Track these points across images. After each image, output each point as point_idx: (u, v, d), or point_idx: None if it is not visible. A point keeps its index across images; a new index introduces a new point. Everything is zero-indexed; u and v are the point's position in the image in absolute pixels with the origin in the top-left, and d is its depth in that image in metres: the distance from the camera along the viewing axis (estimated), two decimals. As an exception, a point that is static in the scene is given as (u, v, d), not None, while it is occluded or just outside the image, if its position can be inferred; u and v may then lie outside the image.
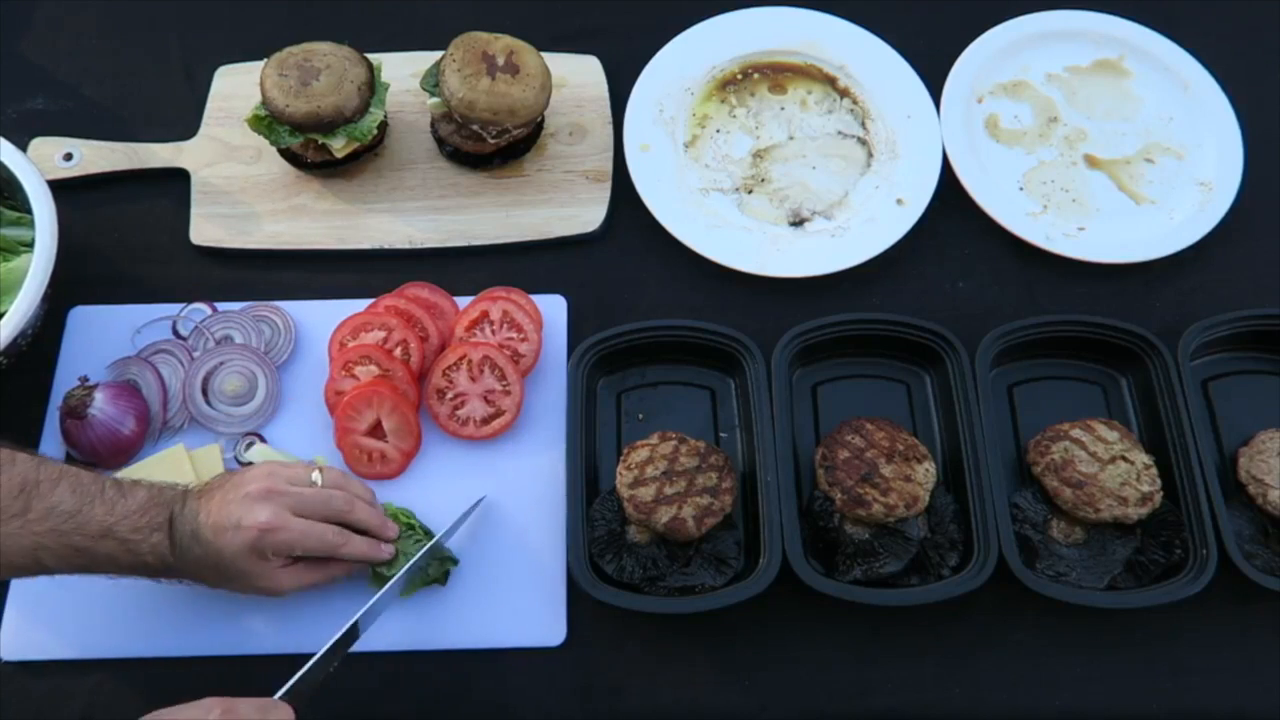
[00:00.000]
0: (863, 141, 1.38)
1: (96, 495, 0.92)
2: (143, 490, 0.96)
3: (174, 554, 0.94)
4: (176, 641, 1.07)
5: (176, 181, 1.32)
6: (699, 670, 1.08)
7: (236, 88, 1.37)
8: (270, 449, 1.15)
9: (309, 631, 1.06)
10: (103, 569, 0.94)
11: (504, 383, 1.16)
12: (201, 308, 1.23)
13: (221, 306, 1.23)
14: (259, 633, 1.07)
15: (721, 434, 1.18)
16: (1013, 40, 1.44)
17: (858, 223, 1.31)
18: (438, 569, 1.08)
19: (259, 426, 1.16)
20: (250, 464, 1.11)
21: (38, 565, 0.91)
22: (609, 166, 1.33)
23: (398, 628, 1.07)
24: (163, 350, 1.19)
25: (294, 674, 0.94)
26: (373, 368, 1.15)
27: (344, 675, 1.06)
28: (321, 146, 1.25)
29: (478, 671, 1.07)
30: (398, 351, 1.17)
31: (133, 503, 0.94)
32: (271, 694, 0.92)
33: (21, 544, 0.89)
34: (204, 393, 1.17)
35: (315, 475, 1.03)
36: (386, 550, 1.05)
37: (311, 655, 0.96)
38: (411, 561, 1.05)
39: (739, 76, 1.42)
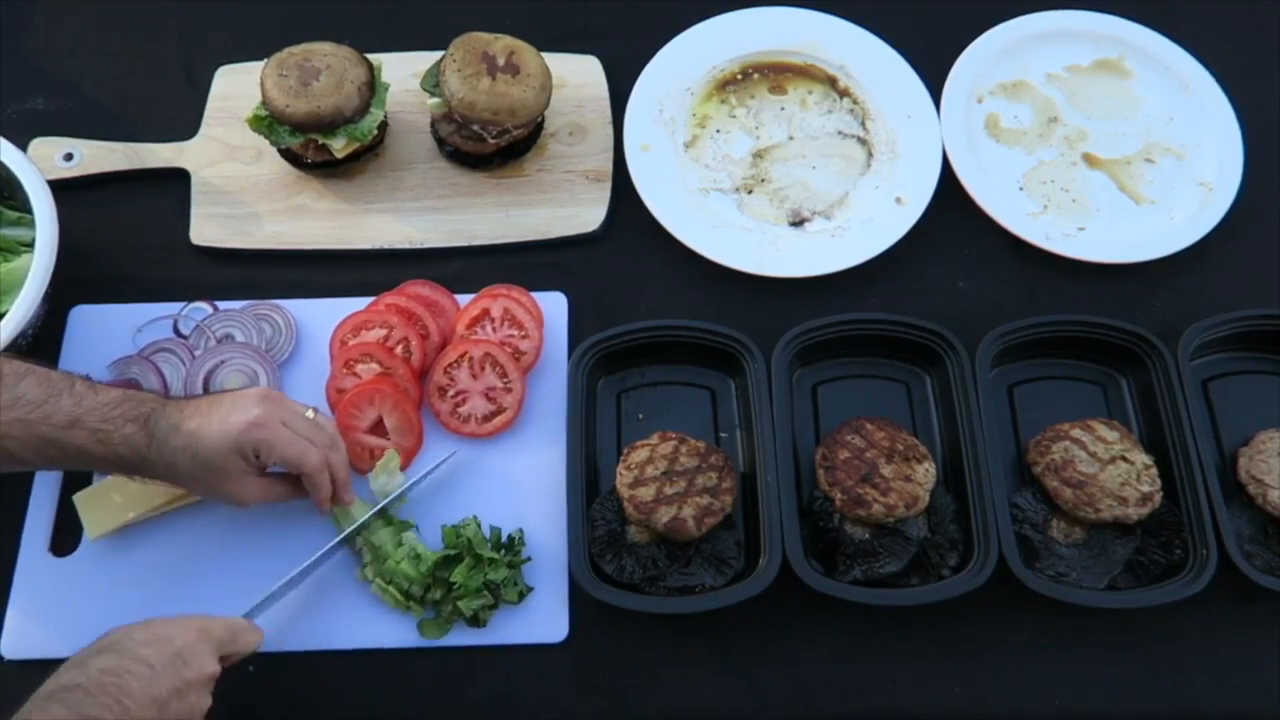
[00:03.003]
0: (863, 141, 1.38)
1: (65, 389, 0.94)
2: (117, 390, 0.97)
3: (150, 446, 0.95)
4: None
5: (176, 181, 1.32)
6: (699, 670, 1.08)
7: (236, 88, 1.37)
8: None
9: (306, 630, 1.06)
10: (74, 461, 0.94)
11: (505, 380, 1.16)
12: (203, 306, 1.23)
13: (222, 305, 1.23)
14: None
15: (721, 434, 1.18)
16: (1013, 40, 1.44)
17: (858, 223, 1.31)
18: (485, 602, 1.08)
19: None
20: None
21: (7, 455, 0.92)
22: (609, 166, 1.33)
23: (400, 624, 1.07)
24: (164, 349, 1.19)
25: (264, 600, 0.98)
26: (374, 365, 1.15)
27: (346, 673, 1.06)
28: (321, 146, 1.25)
29: (480, 668, 1.07)
30: (399, 349, 1.17)
31: (104, 397, 0.95)
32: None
33: None
34: (205, 391, 1.17)
35: (309, 413, 1.05)
36: (349, 497, 1.07)
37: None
38: (369, 514, 1.07)
39: (739, 76, 1.42)
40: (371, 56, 1.28)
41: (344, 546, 1.09)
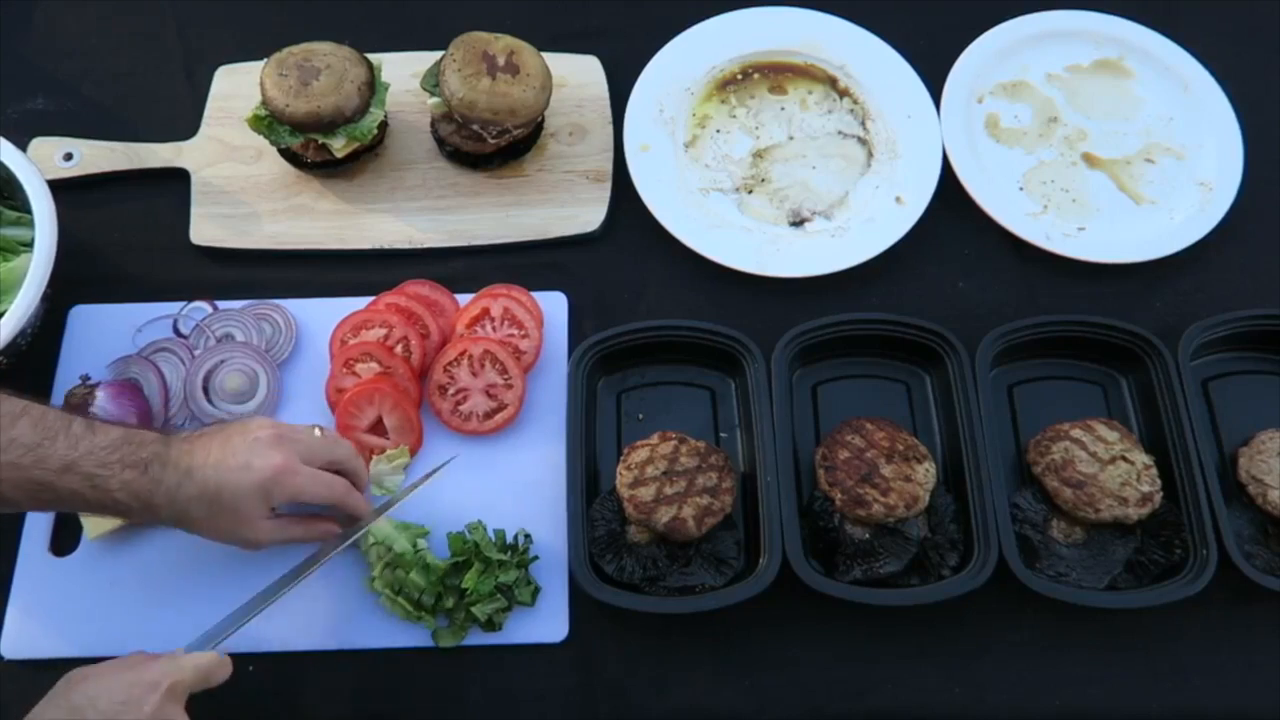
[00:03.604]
0: (863, 141, 1.38)
1: (60, 431, 0.91)
2: (117, 431, 0.94)
3: (155, 493, 0.92)
4: (176, 640, 1.06)
5: (176, 181, 1.32)
6: (699, 670, 1.08)
7: (236, 88, 1.37)
8: None
9: (304, 630, 1.06)
10: (69, 505, 0.93)
11: (505, 377, 1.16)
12: (202, 306, 1.23)
13: (222, 305, 1.23)
14: (256, 631, 1.07)
15: (721, 434, 1.18)
16: (1013, 40, 1.44)
17: (858, 223, 1.31)
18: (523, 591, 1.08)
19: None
20: None
21: (0, 498, 0.89)
22: (609, 166, 1.33)
23: (400, 624, 1.07)
24: (164, 349, 1.19)
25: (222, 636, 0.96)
26: (374, 365, 1.16)
27: (345, 673, 1.06)
28: (321, 146, 1.25)
29: (479, 668, 1.07)
30: (399, 349, 1.17)
31: (102, 439, 0.92)
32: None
33: None
34: (205, 391, 1.17)
35: (316, 432, 1.04)
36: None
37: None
38: (363, 526, 1.06)
39: (739, 76, 1.42)
40: (371, 56, 1.28)
41: (352, 550, 1.08)
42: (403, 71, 1.36)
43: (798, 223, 1.32)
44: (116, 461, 0.91)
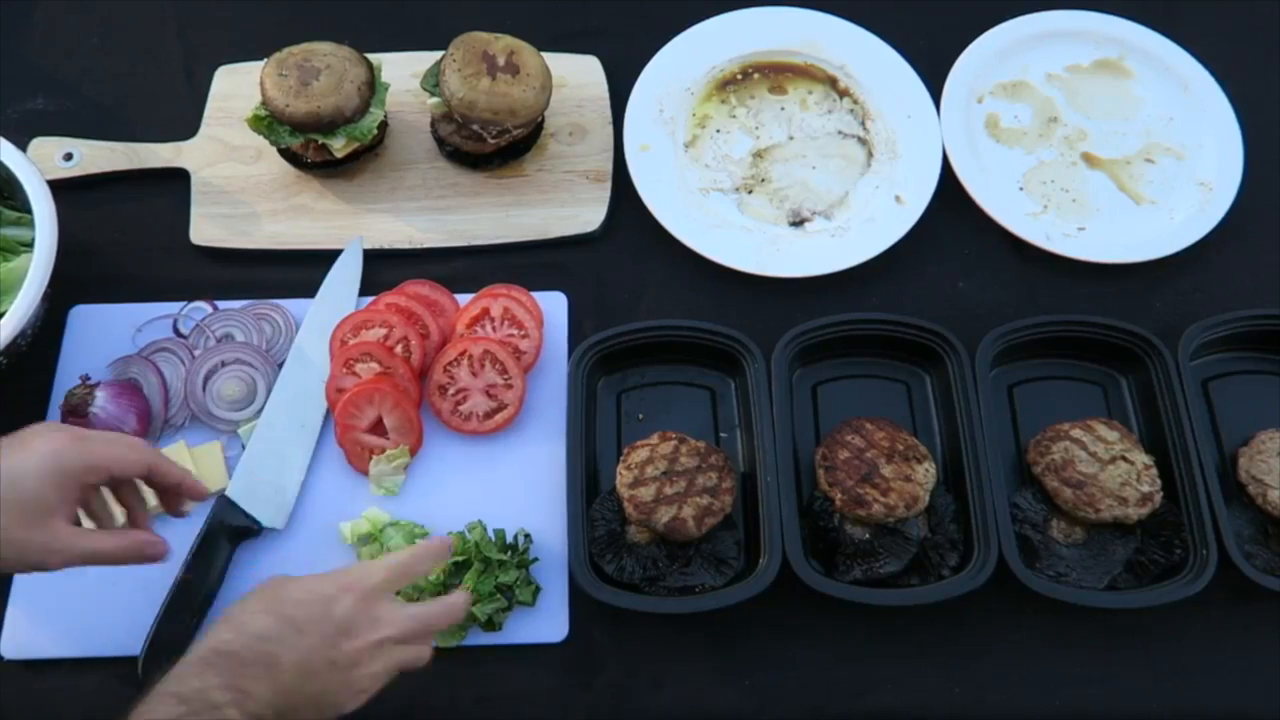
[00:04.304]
0: (863, 141, 1.38)
1: None
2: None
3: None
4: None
5: (176, 181, 1.32)
6: (699, 670, 1.08)
7: (236, 88, 1.37)
8: None
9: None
10: None
11: (505, 376, 1.16)
12: (202, 306, 1.23)
13: (222, 305, 1.23)
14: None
15: (721, 434, 1.18)
16: (1013, 40, 1.44)
17: (858, 223, 1.31)
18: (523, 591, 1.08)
19: (259, 426, 1.17)
20: None
21: None
22: (609, 166, 1.33)
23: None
24: (164, 348, 1.19)
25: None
26: (374, 365, 1.15)
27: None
28: (321, 146, 1.25)
29: (479, 668, 1.07)
30: (399, 349, 1.17)
31: None
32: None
33: None
34: (204, 391, 1.17)
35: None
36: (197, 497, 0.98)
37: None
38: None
39: (739, 76, 1.42)
40: (371, 56, 1.28)
41: (352, 550, 1.09)
42: (403, 71, 1.36)
43: (798, 223, 1.32)
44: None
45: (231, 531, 1.08)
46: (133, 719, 0.76)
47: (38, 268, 1.10)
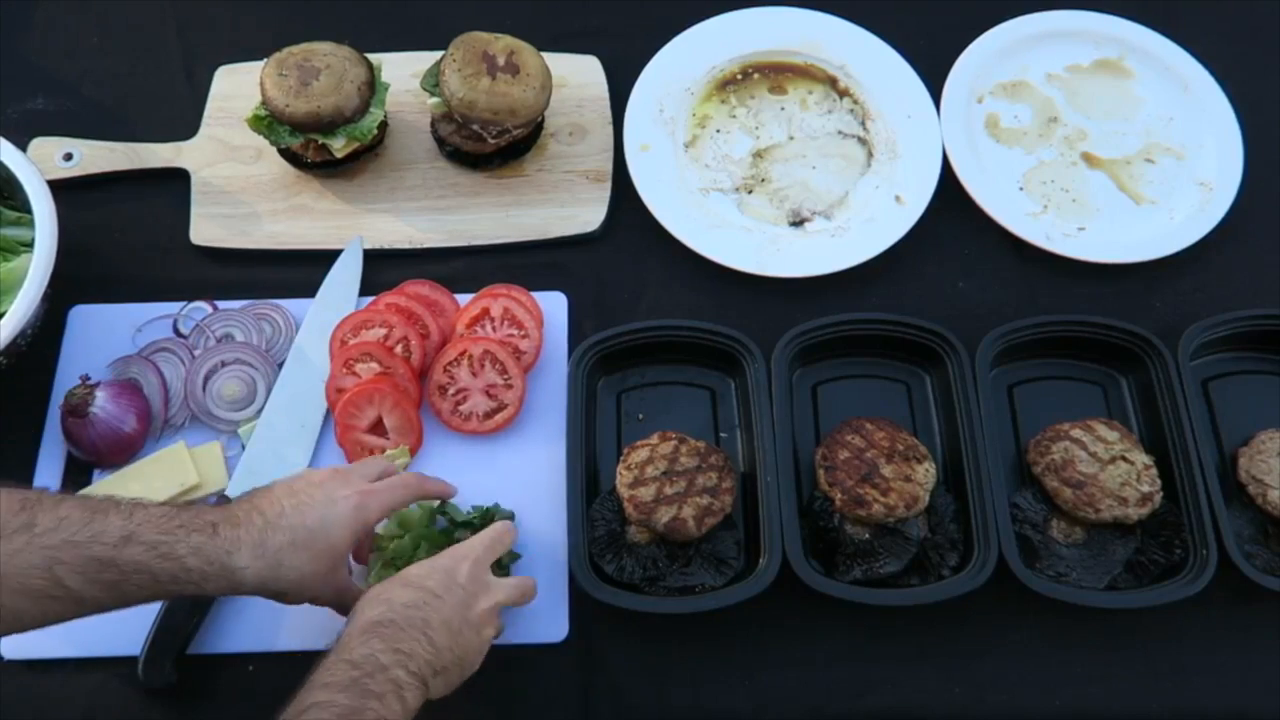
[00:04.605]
0: (863, 141, 1.38)
1: (110, 508, 0.87)
2: (155, 505, 0.89)
3: (238, 552, 0.88)
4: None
5: (176, 181, 1.32)
6: (699, 670, 1.08)
7: (236, 88, 1.37)
8: None
9: (306, 630, 1.06)
10: (134, 582, 0.85)
11: (505, 377, 1.16)
12: (202, 306, 1.23)
13: (222, 305, 1.23)
14: (259, 631, 1.07)
15: (721, 434, 1.18)
16: (1013, 40, 1.44)
17: (858, 223, 1.31)
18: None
19: (259, 426, 1.17)
20: None
21: (59, 585, 0.82)
22: (609, 166, 1.33)
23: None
24: (164, 348, 1.19)
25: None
26: (374, 365, 1.15)
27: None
28: (321, 146, 1.25)
29: (479, 667, 1.06)
30: (399, 349, 1.17)
31: (155, 510, 0.88)
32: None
33: (32, 560, 0.81)
34: (204, 390, 1.17)
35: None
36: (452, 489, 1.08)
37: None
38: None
39: (739, 76, 1.42)
40: (371, 56, 1.28)
41: None
42: (403, 71, 1.36)
43: (798, 223, 1.32)
44: (179, 527, 0.87)
45: None
46: (311, 684, 0.84)
47: (38, 268, 1.10)
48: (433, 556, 0.95)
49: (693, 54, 1.41)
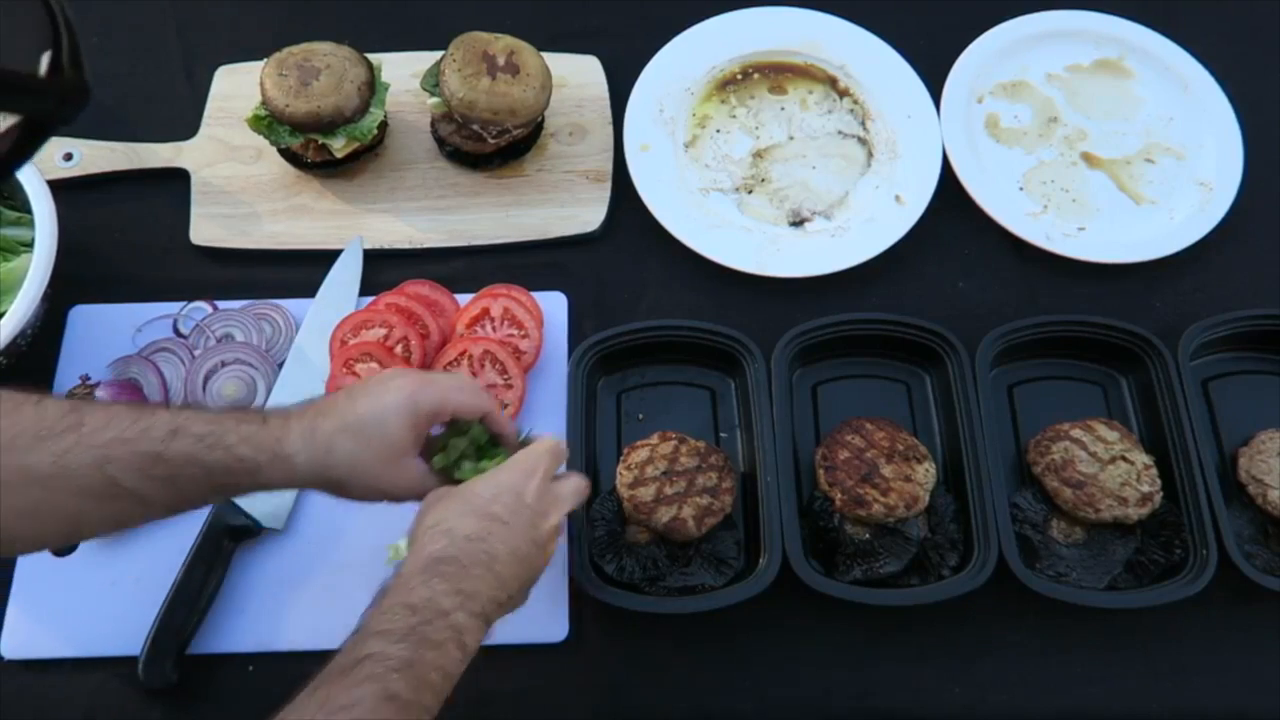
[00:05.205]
0: (863, 141, 1.38)
1: (157, 408, 0.86)
2: (201, 408, 0.88)
3: (287, 438, 0.86)
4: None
5: (176, 181, 1.32)
6: (699, 670, 1.08)
7: (236, 88, 1.37)
8: None
9: (306, 629, 1.06)
10: (187, 476, 0.83)
11: (505, 377, 1.16)
12: (202, 306, 1.23)
13: (222, 305, 1.23)
14: (259, 631, 1.07)
15: (721, 434, 1.18)
16: (1013, 40, 1.44)
17: (858, 223, 1.31)
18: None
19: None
20: None
21: (111, 483, 0.81)
22: (609, 166, 1.33)
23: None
24: (164, 348, 1.19)
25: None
26: (374, 365, 1.15)
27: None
28: (321, 146, 1.25)
29: (479, 667, 1.06)
30: (398, 349, 1.17)
31: (201, 410, 0.86)
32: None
33: (82, 459, 0.79)
34: (204, 390, 1.17)
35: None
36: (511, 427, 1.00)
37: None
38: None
39: (739, 76, 1.42)
40: (371, 56, 1.28)
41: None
42: (403, 71, 1.36)
43: (798, 223, 1.32)
44: (227, 418, 0.85)
45: (231, 531, 1.08)
46: (366, 629, 0.81)
47: (38, 268, 1.10)
48: (495, 471, 0.91)
49: (693, 54, 1.41)
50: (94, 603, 1.08)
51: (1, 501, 0.77)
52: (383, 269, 1.26)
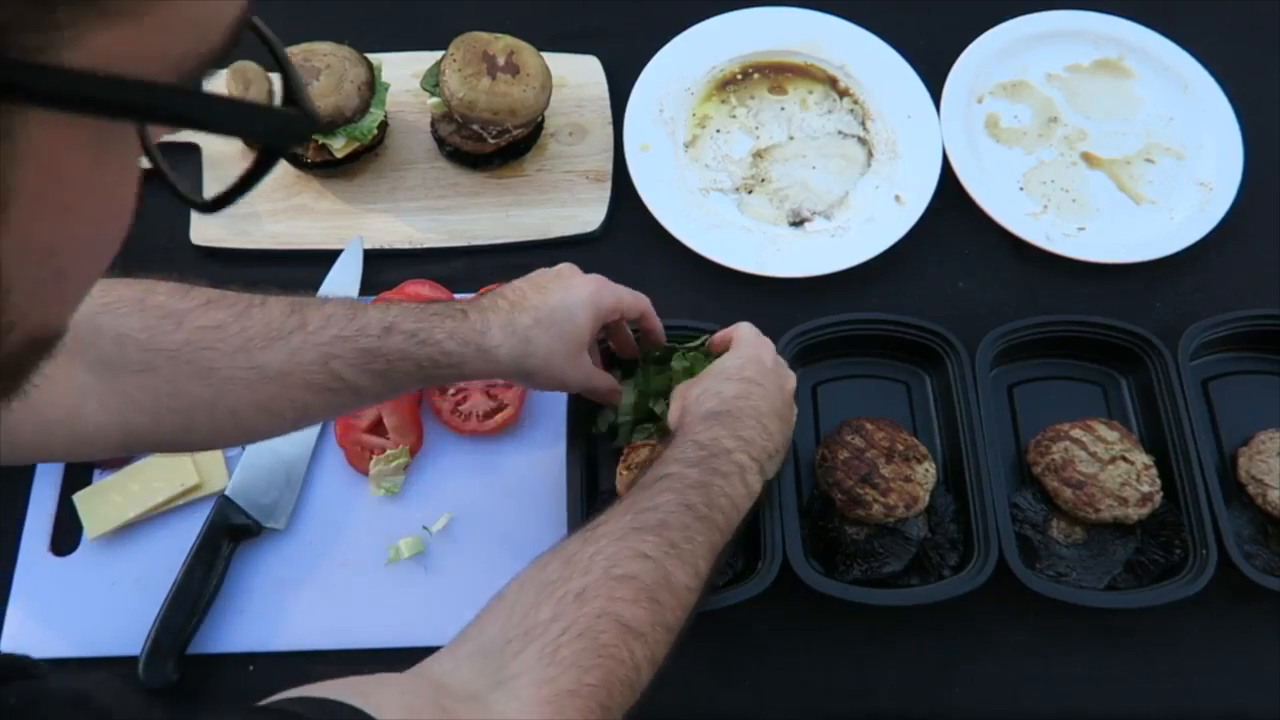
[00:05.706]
0: (863, 141, 1.38)
1: (365, 306, 0.90)
2: (405, 302, 0.94)
3: (489, 331, 0.91)
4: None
5: (177, 181, 1.31)
6: (699, 670, 1.08)
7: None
8: None
9: (306, 629, 1.06)
10: (400, 370, 0.89)
11: (505, 377, 1.16)
12: (202, 307, 1.23)
13: (222, 306, 1.23)
14: (259, 631, 1.07)
15: (721, 434, 1.18)
16: (1013, 40, 1.44)
17: (858, 223, 1.31)
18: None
19: (259, 426, 1.16)
20: None
21: (335, 378, 0.86)
22: (609, 166, 1.33)
23: (395, 622, 1.07)
24: (163, 350, 1.19)
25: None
26: (373, 367, 1.15)
27: (344, 672, 1.06)
28: (321, 146, 1.25)
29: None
30: (398, 351, 1.17)
31: (406, 305, 0.92)
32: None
33: (310, 356, 0.85)
34: (204, 392, 1.17)
35: None
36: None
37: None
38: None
39: (739, 76, 1.42)
40: (371, 56, 1.28)
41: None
42: (403, 71, 1.36)
43: (798, 223, 1.32)
44: (433, 315, 0.91)
45: (231, 531, 1.08)
46: (665, 458, 0.90)
47: (38, 268, 1.09)
48: (729, 352, 0.99)
49: (693, 54, 1.41)
50: (94, 603, 1.08)
51: (243, 398, 0.83)
52: (383, 269, 1.26)
